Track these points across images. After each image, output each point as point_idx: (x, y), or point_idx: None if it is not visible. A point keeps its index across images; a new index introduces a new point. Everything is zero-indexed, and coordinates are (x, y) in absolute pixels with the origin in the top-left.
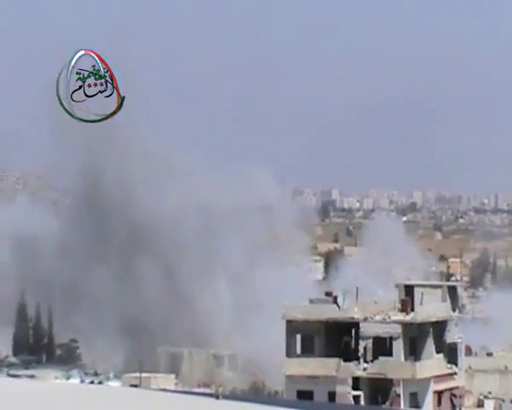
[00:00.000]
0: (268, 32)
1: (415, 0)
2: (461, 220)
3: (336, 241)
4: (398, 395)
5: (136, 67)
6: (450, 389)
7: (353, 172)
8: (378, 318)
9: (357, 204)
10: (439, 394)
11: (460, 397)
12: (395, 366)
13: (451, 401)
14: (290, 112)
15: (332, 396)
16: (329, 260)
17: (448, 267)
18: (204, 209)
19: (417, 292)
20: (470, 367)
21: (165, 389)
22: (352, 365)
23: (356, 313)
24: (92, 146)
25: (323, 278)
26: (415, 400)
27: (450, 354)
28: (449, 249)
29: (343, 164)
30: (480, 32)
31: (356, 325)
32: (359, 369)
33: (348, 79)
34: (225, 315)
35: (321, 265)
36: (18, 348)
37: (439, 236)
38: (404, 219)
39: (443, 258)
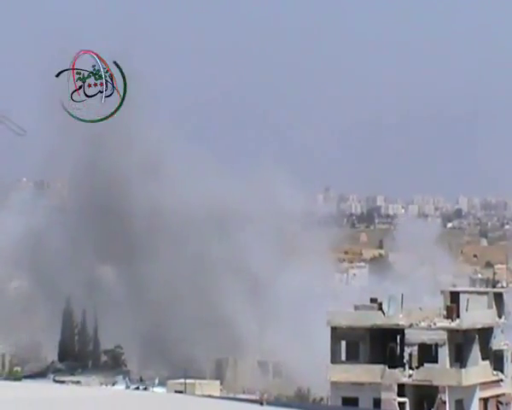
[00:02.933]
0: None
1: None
2: (507, 226)
3: (381, 247)
4: (444, 402)
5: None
6: (497, 396)
7: (398, 178)
8: (423, 324)
9: (402, 210)
10: (485, 401)
11: (506, 404)
12: (441, 372)
13: (497, 408)
14: (335, 116)
15: (377, 403)
16: (374, 266)
17: (494, 274)
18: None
19: (463, 299)
20: None
21: (210, 396)
22: (397, 371)
23: (401, 320)
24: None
25: (368, 285)
26: (460, 407)
27: (496, 360)
28: (495, 256)
29: (388, 170)
30: None
31: (401, 331)
32: (404, 376)
33: (396, 83)
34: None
35: (366, 271)
36: (64, 354)
37: (484, 242)
38: (450, 225)
39: (489, 264)
